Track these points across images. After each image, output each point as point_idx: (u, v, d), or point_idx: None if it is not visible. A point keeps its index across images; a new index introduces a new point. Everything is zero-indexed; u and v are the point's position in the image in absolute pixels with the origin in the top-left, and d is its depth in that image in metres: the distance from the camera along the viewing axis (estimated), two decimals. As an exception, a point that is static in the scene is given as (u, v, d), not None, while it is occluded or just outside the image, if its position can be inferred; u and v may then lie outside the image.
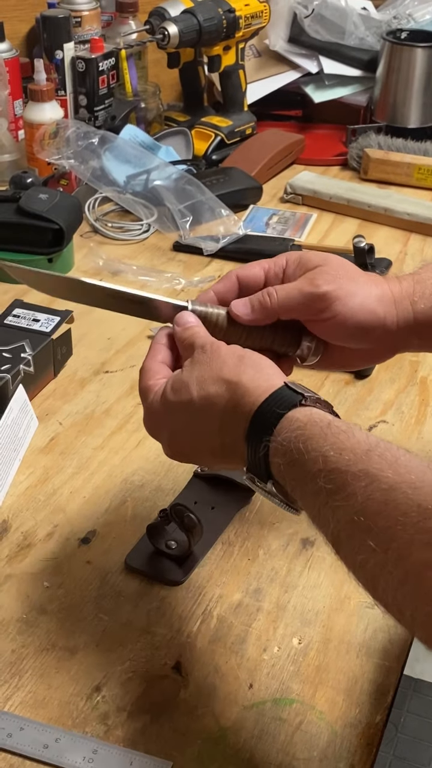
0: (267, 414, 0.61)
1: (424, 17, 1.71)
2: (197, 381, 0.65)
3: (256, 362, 0.65)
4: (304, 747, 0.63)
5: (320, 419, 0.59)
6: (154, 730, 0.64)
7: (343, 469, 0.55)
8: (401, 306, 0.71)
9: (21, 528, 0.81)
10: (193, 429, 0.66)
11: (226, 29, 1.48)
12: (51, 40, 1.44)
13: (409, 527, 0.50)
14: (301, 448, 0.58)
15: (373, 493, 0.53)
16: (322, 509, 0.56)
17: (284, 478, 0.60)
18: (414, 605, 0.50)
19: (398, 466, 0.53)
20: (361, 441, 0.56)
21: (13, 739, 0.63)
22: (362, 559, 0.53)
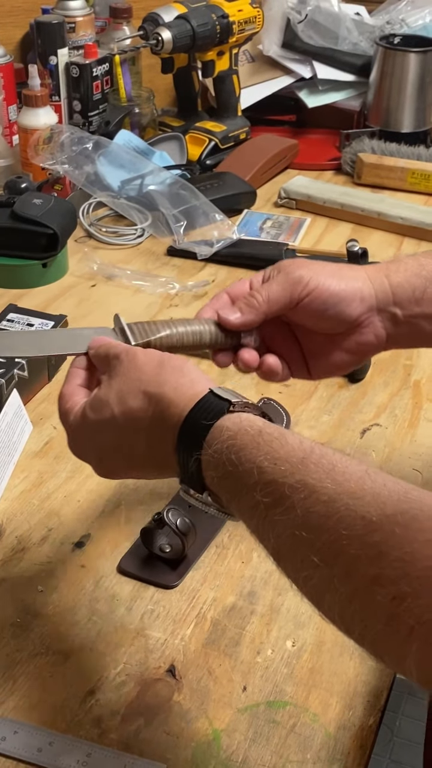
0: (194, 426, 0.58)
1: (417, 22, 1.71)
2: (117, 396, 0.62)
3: (177, 367, 0.62)
4: (298, 749, 0.64)
5: (250, 426, 0.57)
6: (147, 733, 0.65)
7: (279, 481, 0.53)
8: (375, 279, 0.73)
9: (15, 532, 0.81)
10: (121, 447, 0.63)
11: (219, 34, 1.49)
12: (45, 46, 1.45)
13: (355, 541, 0.48)
14: (234, 460, 0.55)
15: (313, 505, 0.51)
16: (260, 523, 0.54)
17: (219, 491, 0.58)
18: (363, 623, 0.48)
19: (336, 474, 0.52)
20: (295, 448, 0.54)
21: (6, 742, 0.63)
22: (306, 575, 0.51)
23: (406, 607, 0.45)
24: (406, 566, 0.46)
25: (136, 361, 0.63)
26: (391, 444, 0.93)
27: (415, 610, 0.44)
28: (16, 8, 1.55)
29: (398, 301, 0.73)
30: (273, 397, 0.98)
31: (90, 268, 1.24)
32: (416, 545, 0.46)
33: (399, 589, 0.45)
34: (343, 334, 0.74)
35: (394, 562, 0.46)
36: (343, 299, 0.72)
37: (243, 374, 1.03)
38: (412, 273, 0.74)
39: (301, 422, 0.96)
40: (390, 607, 0.45)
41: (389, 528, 0.47)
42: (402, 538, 0.47)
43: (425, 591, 0.44)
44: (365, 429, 0.96)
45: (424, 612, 0.44)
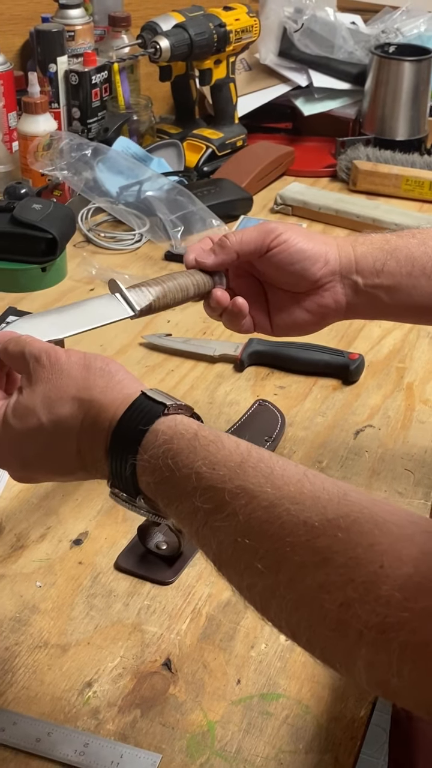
0: (128, 431, 0.57)
1: (412, 32, 1.74)
2: (43, 403, 0.60)
3: (104, 370, 0.61)
4: (291, 740, 0.65)
5: (186, 430, 0.56)
6: (144, 724, 0.66)
7: (219, 487, 0.52)
8: (343, 247, 0.79)
9: (14, 530, 0.83)
10: (48, 454, 0.61)
11: (216, 43, 1.51)
12: (45, 54, 1.46)
13: (299, 548, 0.48)
14: (171, 465, 0.55)
15: (254, 511, 0.50)
16: (201, 529, 0.53)
17: (156, 496, 0.57)
18: (311, 629, 0.48)
19: (275, 478, 0.51)
20: (232, 452, 0.54)
21: (6, 733, 0.65)
22: (250, 582, 0.51)
23: (354, 613, 0.45)
24: (350, 572, 0.46)
25: (60, 365, 0.61)
26: (384, 445, 0.95)
27: (363, 616, 0.45)
28: (16, 16, 1.57)
29: (360, 269, 0.78)
30: (268, 398, 0.99)
31: (89, 273, 1.26)
32: (359, 550, 0.46)
33: (346, 595, 0.45)
34: (305, 294, 0.80)
35: (339, 568, 0.46)
36: (309, 257, 0.78)
37: (239, 375, 1.06)
38: (376, 246, 0.79)
39: (296, 423, 0.98)
40: (338, 613, 0.46)
41: (332, 533, 0.47)
42: (345, 543, 0.47)
43: (371, 596, 0.45)
44: (359, 430, 0.97)
45: (370, 617, 0.44)
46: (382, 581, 0.45)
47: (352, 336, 1.14)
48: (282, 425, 0.95)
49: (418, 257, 0.79)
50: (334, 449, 0.94)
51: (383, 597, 0.44)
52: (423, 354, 1.11)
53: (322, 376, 1.05)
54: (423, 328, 1.15)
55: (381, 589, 0.44)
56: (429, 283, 0.79)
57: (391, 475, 0.91)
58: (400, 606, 0.44)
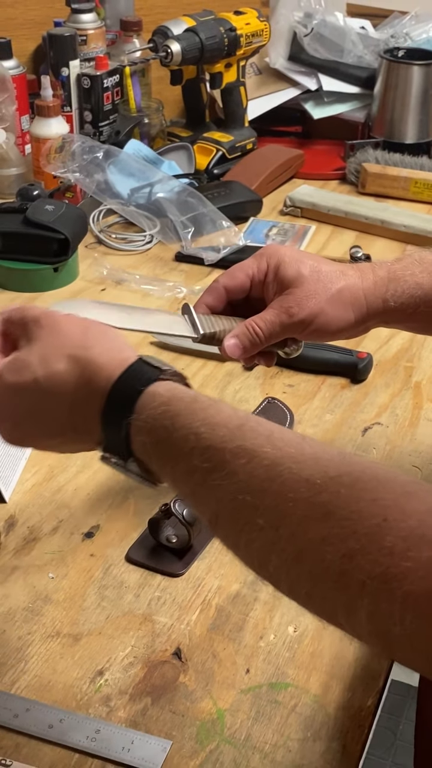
0: (125, 391, 0.58)
1: (421, 36, 1.75)
2: (40, 358, 0.60)
3: (103, 332, 0.61)
4: (299, 728, 0.66)
5: (184, 394, 0.57)
6: (154, 711, 0.67)
7: (218, 447, 0.53)
8: (373, 306, 0.78)
9: (27, 523, 0.84)
10: (39, 411, 0.61)
11: (227, 47, 1.52)
12: (57, 58, 1.48)
13: (301, 503, 0.49)
14: (168, 426, 0.55)
15: (255, 470, 0.51)
16: (197, 488, 0.54)
17: (150, 457, 0.57)
18: (312, 582, 0.49)
19: (274, 440, 0.52)
20: (231, 415, 0.55)
21: (19, 719, 0.66)
22: (249, 539, 0.51)
23: (356, 564, 0.46)
24: (353, 524, 0.47)
25: (58, 325, 0.61)
26: (391, 442, 0.96)
27: (366, 566, 0.45)
28: (29, 21, 1.59)
29: (390, 320, 0.80)
30: (277, 396, 1.01)
31: (100, 273, 1.27)
32: (362, 504, 0.47)
33: (348, 546, 0.46)
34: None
35: (341, 521, 0.47)
36: (339, 331, 0.79)
37: (248, 373, 1.07)
38: (408, 295, 0.78)
39: (304, 421, 0.99)
40: (340, 564, 0.46)
41: (334, 489, 0.48)
42: (348, 497, 0.48)
43: (374, 547, 0.45)
44: (367, 428, 0.98)
45: (373, 567, 0.45)
46: (385, 533, 0.45)
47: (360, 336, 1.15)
48: (291, 422, 0.97)
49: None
50: (343, 446, 0.95)
51: (386, 548, 0.45)
52: (431, 353, 1.12)
53: (330, 375, 1.06)
54: (431, 327, 1.16)
55: (384, 540, 0.45)
56: None
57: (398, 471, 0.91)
58: (404, 556, 0.44)
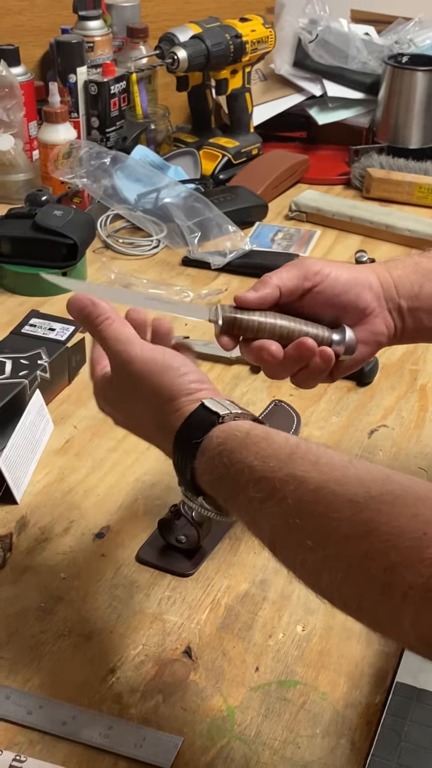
0: (186, 441, 0.64)
1: (425, 42, 1.76)
2: (121, 408, 0.71)
3: (175, 371, 0.68)
4: (308, 725, 0.67)
5: (238, 430, 0.62)
6: (165, 709, 0.68)
7: (269, 476, 0.57)
8: (380, 273, 0.78)
9: (39, 524, 0.85)
10: (134, 424, 0.72)
11: (233, 54, 1.54)
12: (65, 65, 1.50)
13: (344, 522, 0.52)
14: (226, 463, 0.60)
15: (303, 494, 0.55)
16: (256, 517, 0.59)
17: (216, 493, 0.63)
18: (360, 595, 0.52)
19: (321, 465, 0.56)
20: (282, 445, 0.59)
21: (33, 716, 0.67)
22: (302, 559, 0.55)
23: (399, 576, 0.48)
24: (394, 539, 0.49)
25: (132, 378, 0.68)
26: (397, 444, 0.97)
27: (407, 577, 0.48)
28: (36, 28, 1.60)
29: (401, 293, 0.78)
30: (284, 399, 1.02)
31: (108, 277, 1.28)
32: (402, 520, 0.50)
33: (389, 559, 0.49)
34: (357, 325, 0.76)
35: (382, 536, 0.50)
36: (354, 286, 0.76)
37: (255, 376, 1.08)
38: (410, 270, 0.79)
39: (311, 423, 1.00)
40: (383, 577, 0.49)
41: (376, 507, 0.51)
42: (389, 515, 0.51)
43: (415, 559, 0.48)
44: (373, 430, 0.99)
45: (415, 578, 0.48)
46: (426, 545, 0.48)
47: (366, 339, 1.16)
48: (297, 425, 0.98)
49: None
50: (349, 448, 0.96)
51: (428, 559, 0.47)
52: (436, 357, 1.13)
53: (336, 378, 1.07)
54: (436, 331, 1.17)
55: (425, 552, 0.48)
56: None
57: (404, 473, 0.92)
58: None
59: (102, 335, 0.70)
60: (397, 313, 0.78)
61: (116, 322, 0.70)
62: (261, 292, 0.74)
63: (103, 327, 0.70)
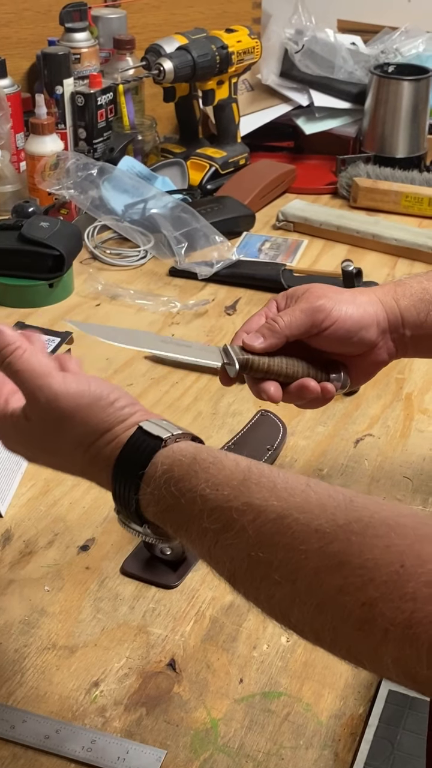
0: (127, 470, 0.59)
1: (411, 52, 1.77)
2: (42, 449, 0.65)
3: (102, 401, 0.62)
4: (291, 736, 0.67)
5: (183, 456, 0.58)
6: (149, 721, 0.68)
7: (225, 506, 0.54)
8: (387, 303, 0.78)
9: (23, 537, 0.85)
10: (55, 465, 0.67)
11: (219, 65, 1.54)
12: (51, 76, 1.50)
13: (313, 555, 0.49)
14: (174, 492, 0.56)
15: (263, 525, 0.52)
16: (212, 549, 0.55)
17: (164, 523, 0.59)
18: (334, 631, 0.49)
19: (279, 491, 0.53)
20: (233, 470, 0.56)
21: (16, 730, 0.67)
22: (267, 594, 0.52)
23: (378, 612, 0.46)
24: (369, 572, 0.47)
25: (54, 410, 0.62)
26: (383, 453, 0.97)
27: (387, 614, 0.46)
28: (23, 40, 1.61)
29: (406, 323, 0.79)
30: (270, 409, 1.02)
31: (95, 288, 1.29)
32: (376, 551, 0.48)
33: (367, 594, 0.47)
34: (361, 356, 0.79)
35: (356, 569, 0.48)
36: (363, 326, 0.77)
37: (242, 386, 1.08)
38: (417, 298, 0.79)
39: (297, 433, 1.00)
40: (360, 612, 0.47)
41: (345, 537, 0.49)
42: (360, 545, 0.48)
43: (394, 595, 0.46)
44: (358, 439, 0.99)
45: (396, 614, 0.45)
46: (406, 579, 0.46)
47: (352, 348, 1.16)
48: (283, 435, 0.98)
49: None
50: (335, 458, 0.96)
51: (409, 594, 0.45)
52: (422, 365, 1.13)
53: (323, 387, 1.07)
54: (422, 340, 1.18)
55: (406, 586, 0.46)
56: None
57: (390, 483, 0.93)
58: (428, 600, 0.45)
59: (14, 368, 0.63)
60: (400, 341, 0.79)
61: (28, 352, 0.63)
62: (268, 342, 0.76)
63: (13, 359, 0.63)
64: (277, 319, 0.76)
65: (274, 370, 0.76)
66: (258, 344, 0.76)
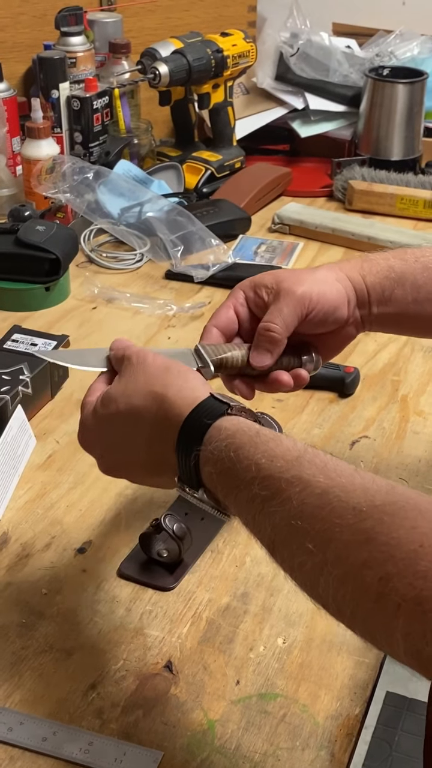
0: (195, 424, 0.63)
1: (405, 55, 1.78)
2: (124, 394, 0.68)
3: (182, 373, 0.68)
4: (288, 737, 0.67)
5: (248, 428, 0.62)
6: (146, 723, 0.68)
7: (276, 476, 0.57)
8: (355, 280, 0.81)
9: (20, 539, 0.85)
10: (122, 441, 0.69)
11: (214, 68, 1.55)
12: (47, 80, 1.51)
13: (346, 529, 0.53)
14: (233, 457, 0.60)
15: (307, 497, 0.55)
16: (257, 515, 0.58)
17: (216, 486, 0.62)
18: (354, 603, 0.52)
19: (328, 471, 0.56)
20: (290, 448, 0.59)
21: (13, 732, 0.67)
22: (300, 561, 0.55)
23: (393, 587, 0.49)
24: (391, 549, 0.50)
25: (145, 363, 0.69)
26: (379, 455, 0.98)
27: (401, 589, 0.49)
28: (19, 44, 1.61)
29: (372, 300, 0.81)
30: (266, 411, 1.02)
31: (91, 292, 1.29)
32: (402, 531, 0.50)
33: (385, 570, 0.50)
34: (332, 333, 0.82)
35: (381, 546, 0.51)
36: (338, 305, 0.79)
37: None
38: (383, 276, 0.81)
39: (293, 435, 0.99)
40: (378, 587, 0.50)
41: (378, 516, 0.52)
42: (389, 525, 0.51)
43: (409, 571, 0.49)
44: (354, 441, 1.00)
45: (408, 590, 0.48)
46: (420, 558, 0.49)
47: (348, 350, 1.15)
48: (280, 437, 0.98)
49: (422, 284, 0.81)
50: (331, 460, 0.97)
51: (421, 572, 0.48)
52: (417, 367, 1.14)
53: (318, 390, 1.08)
54: (417, 342, 1.18)
55: (419, 564, 0.48)
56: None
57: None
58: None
59: (118, 349, 0.73)
60: (366, 316, 0.82)
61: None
62: (276, 354, 0.77)
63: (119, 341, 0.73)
64: (272, 327, 0.77)
65: (248, 361, 0.78)
66: (268, 363, 0.78)
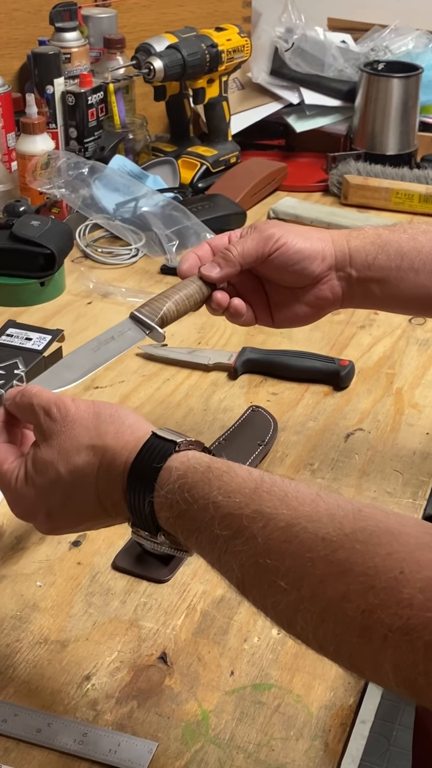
0: (144, 470, 0.60)
1: (400, 49, 1.78)
2: (60, 455, 0.63)
3: (113, 415, 0.64)
4: (282, 727, 0.68)
5: (198, 464, 0.59)
6: (140, 714, 0.68)
7: (236, 513, 0.55)
8: (338, 242, 0.83)
9: (15, 533, 0.85)
10: (70, 504, 0.64)
11: (209, 63, 1.55)
12: (42, 76, 1.50)
13: (318, 562, 0.50)
14: (188, 498, 0.57)
15: (272, 532, 0.53)
16: (222, 556, 0.56)
17: (176, 530, 0.59)
18: (337, 639, 0.50)
19: (289, 500, 0.54)
20: (245, 479, 0.57)
21: (7, 724, 0.67)
22: (274, 601, 0.53)
23: (377, 618, 0.47)
24: (370, 580, 0.48)
25: (70, 416, 0.64)
26: (373, 447, 0.98)
27: (386, 620, 0.46)
28: (13, 40, 1.61)
29: (353, 263, 0.82)
30: (261, 405, 1.02)
31: (86, 287, 1.29)
32: (378, 559, 0.48)
33: (367, 601, 0.47)
34: (305, 289, 0.83)
35: (359, 576, 0.48)
36: (307, 257, 0.81)
37: (233, 382, 1.08)
38: (369, 241, 0.82)
39: (288, 428, 1.00)
40: (361, 620, 0.48)
41: (350, 546, 0.50)
42: (363, 554, 0.49)
43: (392, 600, 0.47)
44: (349, 434, 1.00)
45: (394, 620, 0.46)
46: (402, 585, 0.47)
47: (343, 343, 1.17)
48: (274, 430, 0.98)
49: (407, 252, 0.82)
50: (325, 452, 0.97)
51: (405, 600, 0.46)
52: (412, 360, 1.14)
53: (313, 383, 1.08)
54: (411, 335, 1.18)
55: (402, 592, 0.46)
56: (416, 277, 0.82)
57: (380, 476, 0.93)
58: (423, 606, 0.45)
59: (22, 398, 0.67)
60: (346, 281, 0.82)
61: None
62: (225, 271, 0.81)
63: (19, 392, 0.68)
64: (231, 248, 0.82)
65: (185, 308, 0.83)
66: (215, 274, 0.82)
